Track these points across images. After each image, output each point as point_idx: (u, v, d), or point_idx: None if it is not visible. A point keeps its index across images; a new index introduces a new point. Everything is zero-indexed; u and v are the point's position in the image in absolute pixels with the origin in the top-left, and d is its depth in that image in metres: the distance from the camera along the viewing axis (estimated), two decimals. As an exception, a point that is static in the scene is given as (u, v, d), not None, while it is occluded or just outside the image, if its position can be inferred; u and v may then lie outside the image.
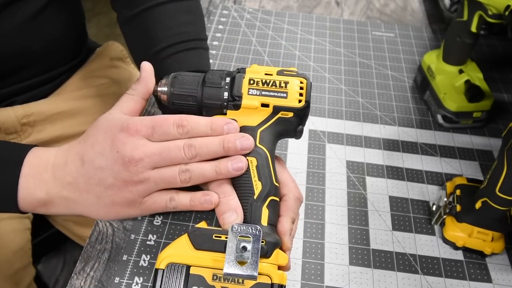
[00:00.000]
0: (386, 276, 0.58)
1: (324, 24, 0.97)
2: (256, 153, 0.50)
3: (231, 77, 0.52)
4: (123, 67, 0.91)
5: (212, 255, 0.46)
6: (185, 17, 0.66)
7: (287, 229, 0.50)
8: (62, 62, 0.81)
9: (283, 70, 0.52)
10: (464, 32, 0.74)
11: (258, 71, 0.52)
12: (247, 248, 0.44)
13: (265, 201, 0.49)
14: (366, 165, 0.70)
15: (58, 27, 0.76)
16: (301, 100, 0.51)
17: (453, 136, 0.76)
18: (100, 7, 2.29)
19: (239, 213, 0.49)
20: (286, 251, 0.49)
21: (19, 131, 0.75)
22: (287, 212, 0.51)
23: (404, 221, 0.64)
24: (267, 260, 0.46)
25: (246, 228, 0.45)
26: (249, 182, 0.49)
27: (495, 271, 0.60)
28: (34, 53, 0.74)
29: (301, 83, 0.51)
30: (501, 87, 0.85)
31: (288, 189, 0.53)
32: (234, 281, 0.45)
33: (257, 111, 0.51)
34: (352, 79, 0.85)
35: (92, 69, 0.85)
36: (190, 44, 0.64)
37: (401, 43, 0.94)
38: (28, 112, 0.75)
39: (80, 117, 0.80)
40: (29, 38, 0.72)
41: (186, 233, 0.47)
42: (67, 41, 0.80)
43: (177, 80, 0.53)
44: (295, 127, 0.52)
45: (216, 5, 1.00)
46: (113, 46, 0.90)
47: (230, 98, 0.51)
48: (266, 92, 0.51)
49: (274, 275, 0.45)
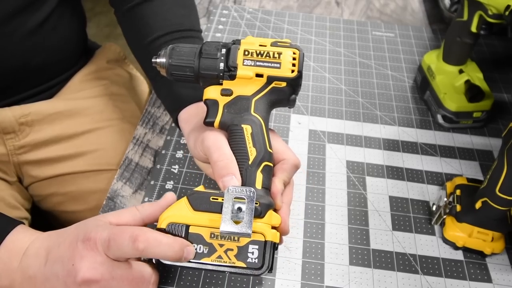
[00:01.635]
0: (386, 276, 0.58)
1: (324, 24, 0.97)
2: (251, 121, 0.52)
3: (226, 49, 0.53)
4: (121, 68, 0.91)
5: (209, 215, 0.49)
6: (181, 11, 0.69)
7: (278, 189, 0.51)
8: (61, 71, 0.81)
9: (277, 42, 0.54)
10: (464, 32, 0.74)
11: (253, 43, 0.54)
12: (242, 209, 0.47)
13: (259, 166, 0.51)
14: (366, 165, 0.70)
15: (58, 38, 0.77)
16: (293, 70, 0.52)
17: (453, 136, 0.76)
18: (100, 7, 2.29)
19: (238, 177, 0.50)
20: (278, 210, 0.51)
21: (17, 131, 0.75)
22: (280, 174, 0.53)
23: (404, 221, 0.64)
24: (261, 220, 0.48)
25: (241, 190, 0.47)
26: (244, 148, 0.51)
27: (495, 271, 0.60)
28: (34, 67, 0.75)
29: (293, 53, 0.53)
30: (501, 87, 0.85)
31: (286, 155, 0.55)
32: (230, 239, 0.48)
33: (252, 81, 0.53)
34: (352, 79, 0.85)
35: (90, 71, 0.85)
36: (186, 33, 0.67)
37: (401, 43, 0.94)
38: (26, 111, 0.75)
39: (79, 118, 0.80)
40: (28, 54, 0.73)
41: (186, 196, 0.50)
42: (68, 51, 0.81)
43: (175, 51, 0.54)
44: (288, 96, 0.54)
45: (216, 5, 1.00)
46: (111, 48, 0.90)
47: (225, 68, 0.53)
48: (260, 62, 0.53)
49: (268, 233, 0.48)
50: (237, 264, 0.48)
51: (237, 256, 0.48)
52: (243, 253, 0.48)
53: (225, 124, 0.53)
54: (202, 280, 0.56)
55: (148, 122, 0.76)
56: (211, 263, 0.48)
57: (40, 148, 0.77)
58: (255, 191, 0.48)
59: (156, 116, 0.77)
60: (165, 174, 0.67)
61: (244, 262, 0.48)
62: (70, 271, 0.46)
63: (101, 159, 0.79)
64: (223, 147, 0.51)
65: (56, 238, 0.50)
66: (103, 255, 0.46)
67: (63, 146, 0.78)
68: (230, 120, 0.52)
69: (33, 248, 0.50)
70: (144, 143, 0.72)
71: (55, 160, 0.78)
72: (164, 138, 0.72)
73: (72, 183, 0.78)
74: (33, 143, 0.77)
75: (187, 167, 0.68)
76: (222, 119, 0.52)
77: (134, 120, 0.83)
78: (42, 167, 0.78)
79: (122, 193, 0.65)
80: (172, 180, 0.66)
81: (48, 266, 0.48)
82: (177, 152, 0.70)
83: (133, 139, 0.73)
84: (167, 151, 0.70)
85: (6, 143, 0.75)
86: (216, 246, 0.48)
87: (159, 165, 0.68)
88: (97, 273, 0.46)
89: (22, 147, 0.76)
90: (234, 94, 0.53)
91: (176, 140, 0.72)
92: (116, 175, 0.68)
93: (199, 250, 0.48)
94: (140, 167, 0.69)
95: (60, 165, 0.78)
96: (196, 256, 0.48)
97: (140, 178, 0.67)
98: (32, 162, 0.77)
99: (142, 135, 0.74)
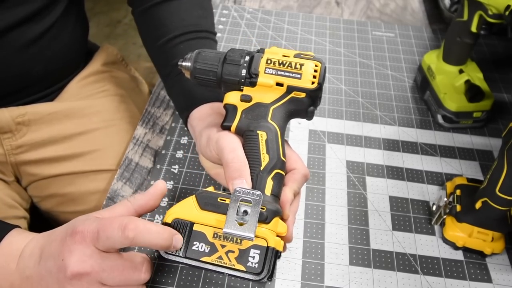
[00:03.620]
0: (386, 276, 0.58)
1: (324, 24, 0.97)
2: (267, 128, 0.52)
3: (250, 56, 0.54)
4: (118, 70, 0.91)
5: (215, 216, 0.49)
6: (198, 12, 0.70)
7: (288, 198, 0.51)
8: (62, 78, 0.81)
9: (300, 53, 0.54)
10: (464, 32, 0.74)
11: (277, 52, 0.55)
12: (248, 212, 0.46)
13: (270, 173, 0.51)
14: (366, 165, 0.70)
15: (60, 47, 0.77)
16: (314, 82, 0.53)
17: (453, 136, 0.76)
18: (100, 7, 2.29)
19: (248, 181, 0.50)
20: (285, 220, 0.51)
21: (14, 131, 0.75)
22: (291, 184, 0.53)
23: (404, 221, 0.64)
24: (266, 225, 0.48)
25: (248, 192, 0.47)
26: (257, 154, 0.51)
27: (495, 271, 0.60)
28: (34, 76, 0.75)
29: (315, 66, 0.53)
30: (501, 87, 0.85)
31: (298, 165, 0.55)
32: (232, 241, 0.48)
33: (272, 89, 0.53)
34: (352, 79, 0.85)
35: (88, 73, 0.85)
36: (202, 34, 0.68)
37: (401, 43, 0.94)
38: (23, 111, 0.75)
39: (77, 118, 0.80)
40: (29, 62, 0.73)
41: (194, 195, 0.50)
42: (69, 58, 0.81)
43: (201, 56, 0.55)
44: (306, 108, 0.54)
45: (216, 5, 1.00)
46: (108, 50, 0.90)
47: (247, 75, 0.53)
48: (281, 72, 0.53)
49: (271, 239, 0.48)
50: (237, 266, 0.47)
51: (238, 258, 0.48)
52: (244, 256, 0.48)
53: (241, 129, 0.53)
54: (202, 280, 0.56)
55: (148, 122, 0.76)
56: (210, 263, 0.48)
57: (38, 148, 0.77)
58: (264, 196, 0.47)
59: (156, 116, 0.77)
60: (165, 174, 0.67)
61: (243, 265, 0.47)
62: (60, 267, 0.46)
63: (101, 159, 0.78)
64: (237, 149, 0.51)
65: (48, 236, 0.50)
66: (92, 247, 0.46)
67: (62, 147, 0.78)
68: (246, 126, 0.53)
69: (28, 249, 0.50)
70: (144, 143, 0.72)
71: (53, 160, 0.78)
72: (164, 138, 0.72)
73: (72, 183, 0.78)
74: (30, 143, 0.76)
75: (187, 167, 0.68)
76: (239, 124, 0.53)
77: (133, 120, 0.83)
78: (41, 167, 0.78)
79: (122, 193, 0.65)
80: (172, 180, 0.66)
81: (42, 265, 0.48)
82: (177, 152, 0.70)
83: (133, 139, 0.73)
84: (167, 151, 0.70)
85: (3, 143, 0.75)
86: (218, 247, 0.48)
87: (159, 165, 0.68)
88: (86, 265, 0.45)
89: (20, 147, 0.76)
90: (254, 100, 0.54)
91: (176, 140, 0.72)
92: (116, 175, 0.68)
93: (201, 249, 0.48)
94: (140, 167, 0.69)
95: (59, 165, 0.78)
96: (196, 254, 0.48)
97: (140, 178, 0.67)
98: (30, 162, 0.77)
99: (142, 135, 0.74)
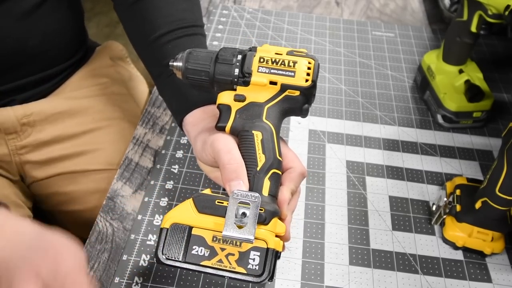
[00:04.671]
0: (386, 276, 0.58)
1: (324, 24, 0.97)
2: (262, 128, 0.52)
3: (242, 55, 0.54)
4: (123, 67, 0.91)
5: (213, 219, 0.48)
6: (182, 4, 0.68)
7: (286, 198, 0.51)
8: (59, 59, 0.80)
9: (293, 51, 0.54)
10: (464, 32, 0.74)
11: (269, 50, 0.54)
12: (246, 214, 0.46)
13: (267, 173, 0.50)
14: (366, 165, 0.70)
15: (55, 23, 0.76)
16: (307, 80, 0.52)
17: (453, 136, 0.76)
18: (100, 7, 2.29)
19: (245, 182, 0.50)
20: (284, 220, 0.51)
21: (19, 131, 0.75)
22: (288, 183, 0.52)
23: (404, 221, 0.64)
24: (265, 227, 0.48)
25: (246, 194, 0.47)
26: (253, 154, 0.51)
27: (495, 271, 0.60)
28: (30, 50, 0.74)
29: (309, 63, 0.53)
30: (501, 87, 0.85)
31: (294, 163, 0.54)
32: (232, 243, 0.48)
33: (266, 88, 0.53)
34: (352, 79, 0.85)
35: (92, 68, 0.85)
36: (189, 30, 0.66)
37: (401, 43, 0.94)
38: (28, 112, 0.75)
39: (79, 117, 0.80)
40: (25, 34, 0.72)
41: (191, 198, 0.50)
42: (64, 38, 0.80)
43: (192, 55, 0.55)
44: (300, 106, 0.54)
45: (216, 5, 1.00)
46: (113, 45, 0.90)
47: (240, 74, 0.53)
48: (274, 70, 0.53)
49: (270, 241, 0.47)
50: (237, 269, 0.47)
51: (238, 261, 0.47)
52: (244, 259, 0.47)
53: (236, 130, 0.53)
54: (202, 280, 0.56)
55: (148, 122, 0.76)
56: (211, 267, 0.47)
57: (42, 148, 0.77)
58: (261, 197, 0.47)
59: (156, 116, 0.77)
60: (165, 174, 0.67)
61: (244, 268, 0.47)
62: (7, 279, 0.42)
63: (101, 158, 0.79)
64: (233, 150, 0.51)
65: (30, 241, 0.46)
66: None
67: (64, 146, 0.78)
68: (241, 126, 0.52)
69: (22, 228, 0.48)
70: (144, 143, 0.72)
71: (56, 159, 0.78)
72: (164, 138, 0.72)
73: (72, 182, 0.78)
74: (34, 143, 0.77)
75: (187, 167, 0.68)
76: (234, 124, 0.53)
77: (134, 119, 0.83)
78: (43, 167, 0.78)
79: (122, 193, 0.65)
80: (172, 180, 0.66)
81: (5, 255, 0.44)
82: (177, 152, 0.70)
83: (133, 139, 0.73)
84: (167, 151, 0.70)
85: (8, 143, 0.75)
86: (218, 250, 0.48)
87: (159, 165, 0.68)
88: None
89: (24, 147, 0.76)
90: (247, 100, 0.53)
91: (176, 140, 0.72)
92: (116, 175, 0.68)
93: (200, 253, 0.48)
94: (140, 167, 0.69)
95: (61, 164, 0.78)
96: (196, 259, 0.48)
97: (140, 178, 0.67)
98: (34, 162, 0.77)
99: (142, 135, 0.74)
